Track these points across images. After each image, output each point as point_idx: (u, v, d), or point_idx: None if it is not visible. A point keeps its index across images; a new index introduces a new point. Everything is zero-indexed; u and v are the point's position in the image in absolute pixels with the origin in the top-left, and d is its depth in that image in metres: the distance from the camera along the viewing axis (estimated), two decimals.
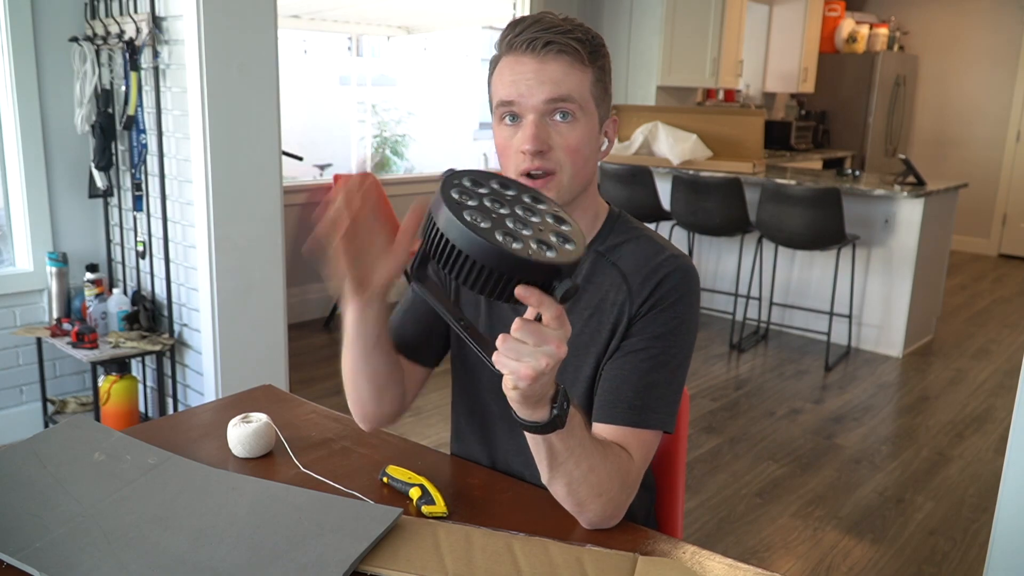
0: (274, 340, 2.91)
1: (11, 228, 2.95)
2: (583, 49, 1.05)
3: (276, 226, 2.84)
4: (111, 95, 2.88)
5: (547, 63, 1.04)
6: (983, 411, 3.69)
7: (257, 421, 1.24)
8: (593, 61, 1.06)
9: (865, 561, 2.46)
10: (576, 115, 1.05)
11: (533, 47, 1.03)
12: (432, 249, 0.81)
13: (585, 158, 1.08)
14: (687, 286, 1.10)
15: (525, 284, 0.79)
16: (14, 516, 1.01)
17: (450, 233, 0.79)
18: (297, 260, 4.53)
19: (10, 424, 2.92)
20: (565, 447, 0.94)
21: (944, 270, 4.76)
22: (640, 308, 1.09)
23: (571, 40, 1.04)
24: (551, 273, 0.79)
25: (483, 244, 0.77)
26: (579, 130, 1.06)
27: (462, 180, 0.86)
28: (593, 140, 1.09)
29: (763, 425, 3.45)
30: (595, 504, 1.00)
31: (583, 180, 1.10)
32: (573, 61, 1.04)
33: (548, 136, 1.05)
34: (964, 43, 7.32)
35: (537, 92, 1.04)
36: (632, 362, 1.08)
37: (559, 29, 1.04)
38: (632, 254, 1.13)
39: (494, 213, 0.82)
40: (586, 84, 1.06)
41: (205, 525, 1.01)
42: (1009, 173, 7.17)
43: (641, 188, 4.65)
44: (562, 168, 1.06)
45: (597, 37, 1.08)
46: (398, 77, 6.15)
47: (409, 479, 1.12)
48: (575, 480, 0.98)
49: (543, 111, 1.05)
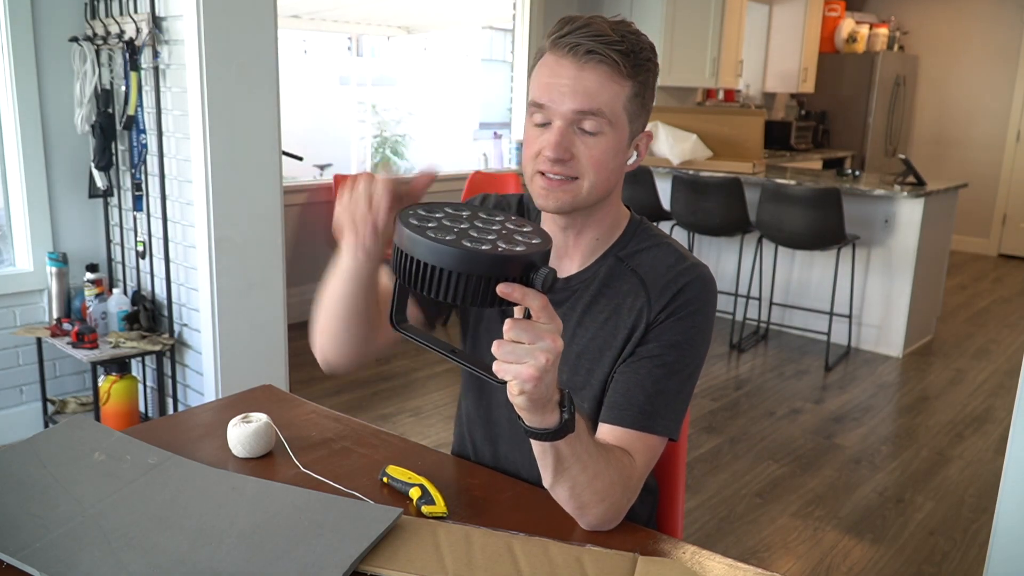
0: (274, 340, 2.91)
1: (11, 228, 2.95)
2: (625, 62, 1.02)
3: (276, 226, 2.84)
4: (111, 95, 2.88)
5: (585, 71, 1.01)
6: (983, 411, 3.69)
7: (257, 421, 1.24)
8: (635, 75, 1.04)
9: (865, 561, 2.46)
10: (604, 129, 1.03)
11: (575, 52, 1.01)
12: (406, 277, 0.82)
13: (609, 171, 1.07)
14: (706, 296, 1.10)
15: (504, 282, 0.79)
16: (14, 516, 1.01)
17: (418, 252, 0.80)
18: (297, 260, 4.53)
19: (10, 424, 2.92)
20: (571, 453, 0.94)
21: (944, 270, 4.76)
22: (658, 315, 1.09)
23: (614, 51, 1.01)
24: (526, 264, 0.80)
25: (452, 251, 0.78)
26: (604, 144, 1.04)
27: (416, 210, 0.88)
28: (619, 154, 1.07)
29: (763, 425, 3.45)
30: (597, 508, 1.01)
31: (603, 191, 1.08)
32: (612, 73, 1.02)
33: (572, 144, 1.04)
34: (964, 43, 7.32)
35: (569, 100, 1.02)
36: (646, 367, 1.08)
37: (605, 38, 1.01)
38: (652, 261, 1.13)
39: (455, 228, 0.84)
40: (621, 98, 1.03)
41: (205, 525, 1.01)
42: (1009, 173, 7.17)
43: (641, 188, 4.65)
44: (584, 176, 1.05)
45: (646, 50, 1.05)
46: (398, 77, 6.15)
47: (409, 479, 1.12)
48: (579, 485, 0.98)
49: (571, 120, 1.03)
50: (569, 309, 1.15)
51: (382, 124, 6.23)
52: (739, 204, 4.34)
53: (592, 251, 1.15)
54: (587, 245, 1.15)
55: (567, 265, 1.16)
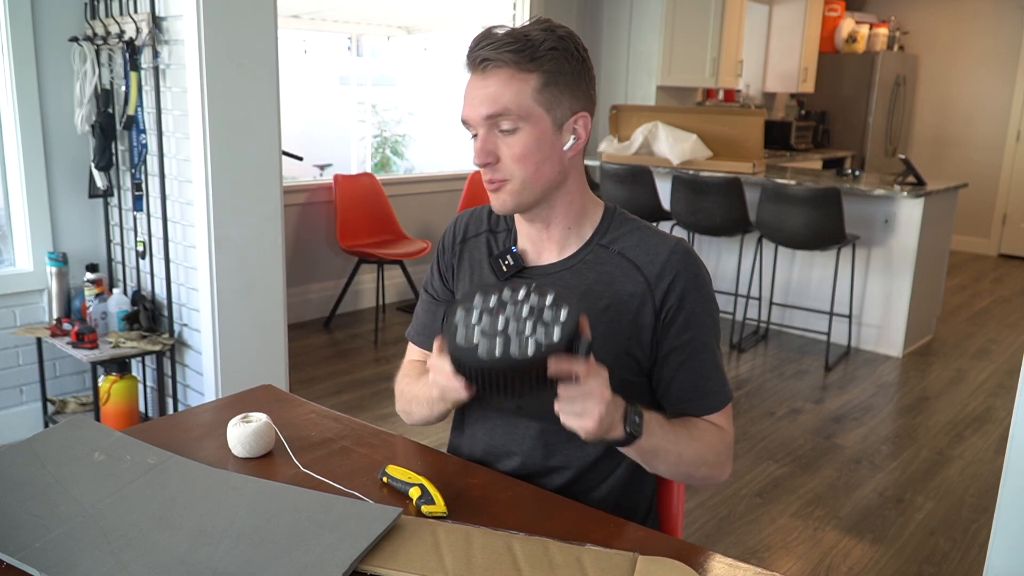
0: (274, 340, 2.91)
1: (11, 228, 2.95)
2: (520, 58, 1.07)
3: (276, 226, 2.84)
4: (111, 95, 2.88)
5: (488, 79, 1.09)
6: (983, 411, 3.69)
7: (257, 421, 1.24)
8: (537, 66, 1.08)
9: (865, 561, 2.46)
10: (520, 124, 1.10)
11: (476, 65, 1.10)
12: (478, 386, 0.98)
13: (538, 162, 1.12)
14: (698, 264, 1.18)
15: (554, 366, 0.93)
16: (14, 516, 1.01)
17: (482, 369, 0.94)
18: (297, 260, 4.54)
19: (10, 424, 2.92)
20: (651, 446, 1.08)
21: (944, 270, 4.76)
22: (667, 298, 1.15)
23: (507, 53, 1.07)
24: (567, 347, 0.93)
25: (509, 362, 0.92)
26: (524, 137, 1.10)
27: (455, 322, 0.99)
28: (545, 143, 1.12)
29: (763, 425, 3.45)
30: (697, 475, 1.16)
31: (542, 182, 1.14)
32: (512, 72, 1.08)
33: (496, 148, 1.11)
34: (964, 43, 7.32)
35: (479, 109, 1.10)
36: (693, 355, 1.17)
37: (496, 44, 1.08)
38: (638, 245, 1.18)
39: (496, 331, 0.95)
40: (527, 91, 1.09)
41: (205, 525, 1.01)
42: (1009, 173, 7.17)
43: (641, 188, 4.65)
44: (513, 176, 1.12)
45: (547, 40, 1.09)
46: (398, 77, 6.14)
47: (409, 479, 1.12)
48: (671, 464, 1.12)
49: (488, 125, 1.11)
50: None
51: (382, 124, 6.22)
52: (739, 204, 4.34)
53: (567, 238, 1.20)
54: (560, 233, 1.20)
55: (547, 255, 1.22)
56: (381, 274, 4.75)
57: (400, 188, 5.07)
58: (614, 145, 5.05)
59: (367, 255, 4.45)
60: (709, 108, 5.89)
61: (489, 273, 1.24)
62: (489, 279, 1.24)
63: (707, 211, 4.41)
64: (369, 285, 4.93)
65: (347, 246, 4.49)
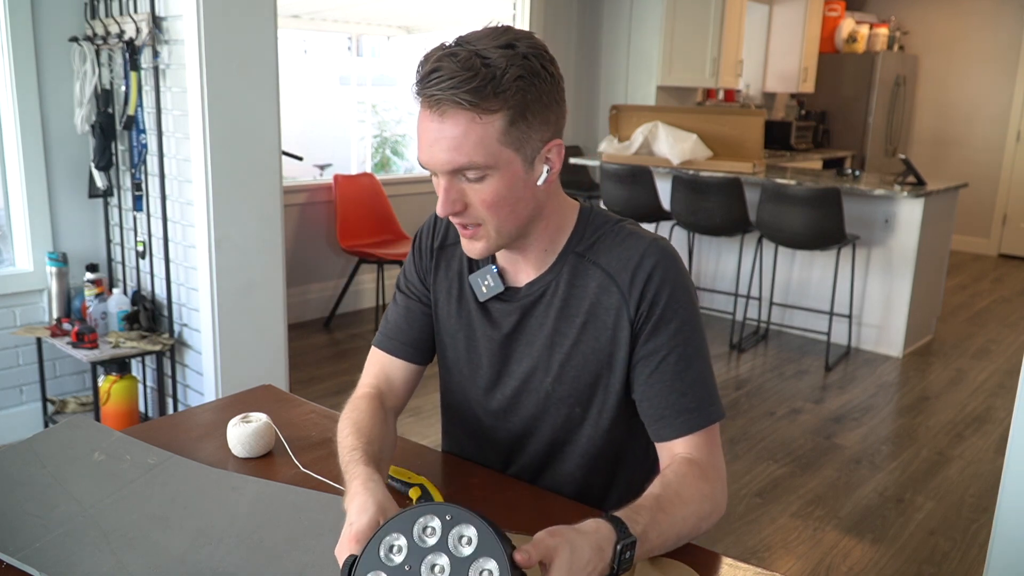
0: (274, 340, 2.91)
1: (11, 228, 2.95)
2: (480, 98, 0.93)
3: (276, 226, 2.84)
4: (111, 95, 2.88)
5: (445, 122, 0.96)
6: (983, 411, 3.69)
7: (257, 421, 1.24)
8: (502, 103, 0.95)
9: (865, 561, 2.46)
10: (487, 172, 0.98)
11: (430, 105, 0.96)
12: None
13: (512, 204, 1.02)
14: (676, 268, 1.08)
15: None
16: (14, 516, 1.01)
17: None
18: (297, 260, 4.54)
19: (10, 424, 2.92)
20: (649, 549, 0.93)
21: (944, 270, 4.76)
22: (640, 308, 1.06)
23: (464, 93, 0.93)
24: None
25: None
26: (493, 185, 0.99)
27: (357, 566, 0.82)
28: (516, 184, 1.01)
29: (763, 425, 3.45)
30: (702, 528, 1.01)
31: (518, 222, 1.05)
32: (472, 115, 0.94)
33: (463, 194, 1.00)
34: (964, 43, 7.32)
35: (440, 156, 0.97)
36: (667, 368, 1.06)
37: (454, 80, 0.93)
38: (610, 250, 1.09)
39: None
40: (491, 136, 0.96)
41: (205, 525, 1.01)
42: (1009, 173, 7.17)
43: (641, 188, 4.65)
44: (486, 221, 1.03)
45: (510, 67, 0.94)
46: (398, 77, 6.14)
47: (409, 479, 1.12)
48: (676, 542, 0.98)
49: (452, 174, 0.99)
50: (542, 316, 1.13)
51: (382, 124, 6.22)
52: (739, 204, 4.34)
53: (545, 256, 1.12)
54: (537, 255, 1.12)
55: (523, 276, 1.14)
56: (381, 274, 4.75)
57: (400, 188, 5.07)
58: (614, 145, 5.05)
59: (367, 255, 4.45)
60: (709, 108, 5.89)
61: (468, 291, 1.17)
62: (468, 300, 1.17)
63: (707, 211, 4.41)
64: (369, 285, 4.94)
65: (347, 246, 4.50)
